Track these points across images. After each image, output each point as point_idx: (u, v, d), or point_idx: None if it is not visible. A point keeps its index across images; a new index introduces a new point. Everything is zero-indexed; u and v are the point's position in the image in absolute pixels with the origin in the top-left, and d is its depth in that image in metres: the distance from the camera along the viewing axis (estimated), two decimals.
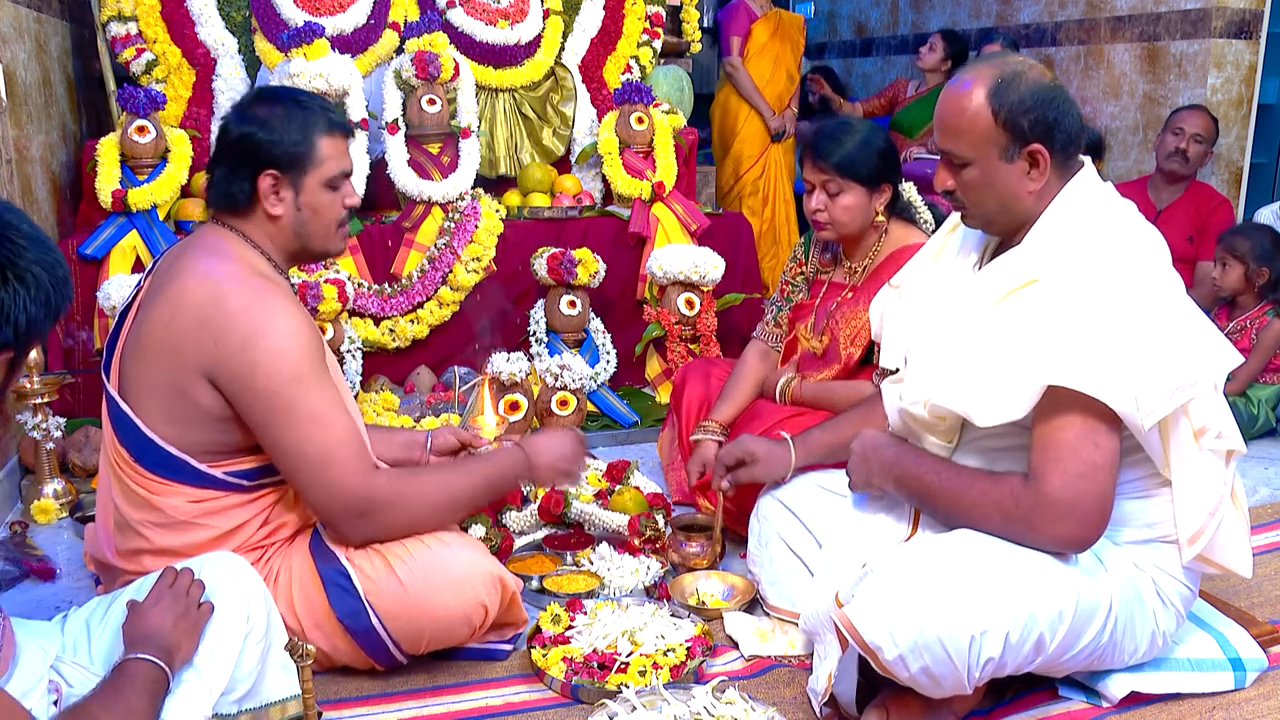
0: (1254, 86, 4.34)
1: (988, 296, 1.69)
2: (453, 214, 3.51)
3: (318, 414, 1.67)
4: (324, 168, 1.77)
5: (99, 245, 3.19)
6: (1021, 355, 1.59)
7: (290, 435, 1.67)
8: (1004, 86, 1.65)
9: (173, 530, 1.72)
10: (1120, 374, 1.53)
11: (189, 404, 1.68)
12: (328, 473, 1.69)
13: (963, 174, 1.71)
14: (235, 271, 1.70)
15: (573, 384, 3.01)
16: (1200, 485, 1.66)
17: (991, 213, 1.73)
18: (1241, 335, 3.32)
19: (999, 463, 1.71)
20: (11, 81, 3.04)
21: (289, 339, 1.66)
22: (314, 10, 3.57)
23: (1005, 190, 1.69)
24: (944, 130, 1.71)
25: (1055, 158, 1.67)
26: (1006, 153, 1.66)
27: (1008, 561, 1.58)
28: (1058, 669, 1.70)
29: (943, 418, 1.73)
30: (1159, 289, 1.62)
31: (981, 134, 1.66)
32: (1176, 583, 1.73)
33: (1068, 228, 1.66)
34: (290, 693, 1.54)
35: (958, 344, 1.71)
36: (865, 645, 1.54)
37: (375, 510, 1.72)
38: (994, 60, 1.71)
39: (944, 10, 5.90)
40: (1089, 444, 1.56)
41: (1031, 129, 1.64)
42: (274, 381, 1.64)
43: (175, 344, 1.66)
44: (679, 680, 1.84)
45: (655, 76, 4.28)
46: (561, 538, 2.43)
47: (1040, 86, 1.65)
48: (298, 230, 1.79)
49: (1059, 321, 1.57)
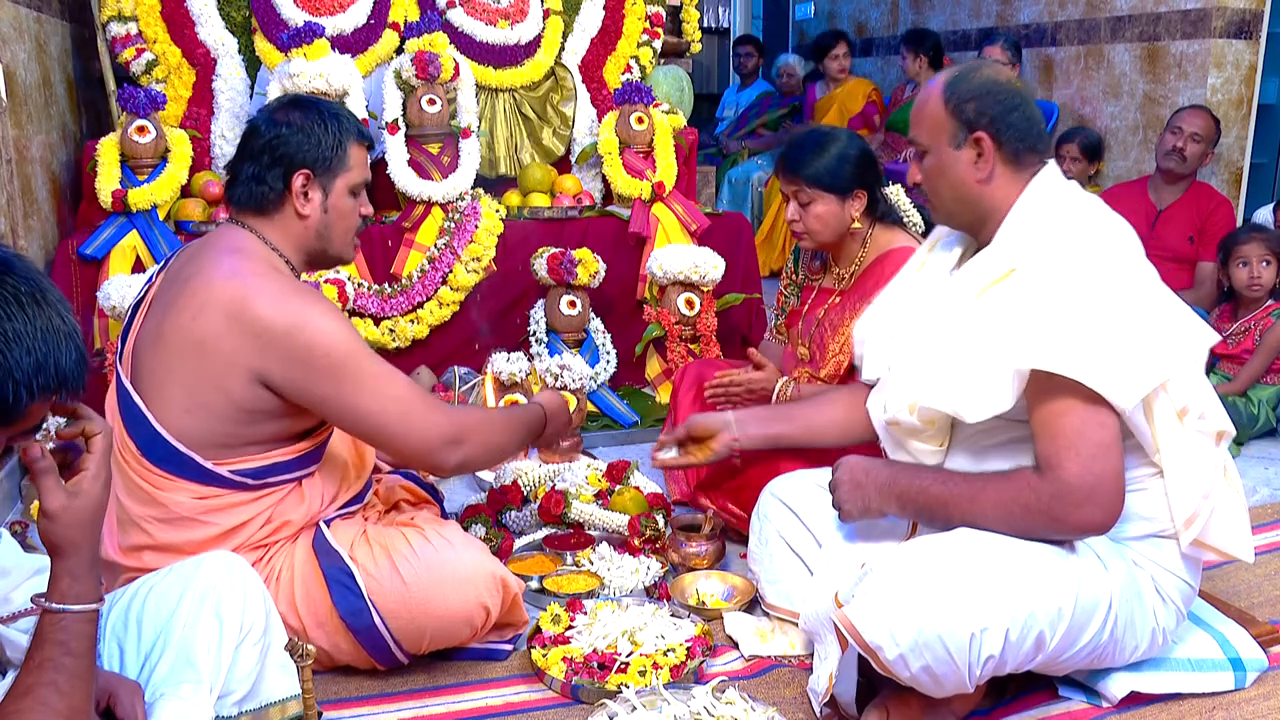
0: (1254, 86, 4.34)
1: (966, 293, 1.73)
2: (453, 214, 3.51)
3: (381, 374, 1.77)
4: (351, 174, 1.85)
5: (99, 245, 3.18)
6: (1002, 345, 1.62)
7: (367, 398, 1.74)
8: (958, 79, 1.76)
9: (175, 526, 1.73)
10: (1099, 355, 1.55)
11: (219, 397, 1.70)
12: (413, 418, 1.78)
13: (924, 164, 1.81)
14: (260, 269, 1.74)
15: (573, 384, 3.01)
16: (1190, 467, 1.66)
17: (949, 203, 1.81)
18: (1245, 336, 3.31)
19: (988, 461, 1.72)
20: (11, 81, 3.04)
21: (331, 318, 1.73)
22: (314, 10, 3.57)
23: (955, 178, 1.76)
24: (911, 121, 1.83)
25: (1003, 149, 1.73)
26: (955, 139, 1.75)
27: (1007, 559, 1.58)
28: (1059, 667, 1.70)
29: (931, 420, 1.74)
30: (1133, 273, 1.66)
31: (935, 121, 1.76)
32: (1176, 579, 1.73)
33: (1039, 220, 1.70)
34: (290, 693, 1.54)
35: (939, 344, 1.73)
36: (866, 645, 1.54)
37: (465, 436, 1.85)
38: (966, 62, 1.83)
39: (944, 10, 5.91)
40: (1094, 425, 1.56)
41: (977, 116, 1.73)
42: (335, 355, 1.71)
43: (203, 340, 1.68)
44: (679, 680, 1.84)
45: (655, 76, 4.28)
46: (561, 538, 2.43)
47: (991, 81, 1.74)
48: (321, 232, 1.84)
49: (1037, 307, 1.60)
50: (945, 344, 1.71)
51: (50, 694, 1.12)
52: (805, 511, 2.01)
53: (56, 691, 1.12)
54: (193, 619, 1.43)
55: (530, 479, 2.66)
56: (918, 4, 6.17)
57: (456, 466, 1.88)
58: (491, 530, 2.40)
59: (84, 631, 1.17)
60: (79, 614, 1.16)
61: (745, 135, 6.32)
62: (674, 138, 3.87)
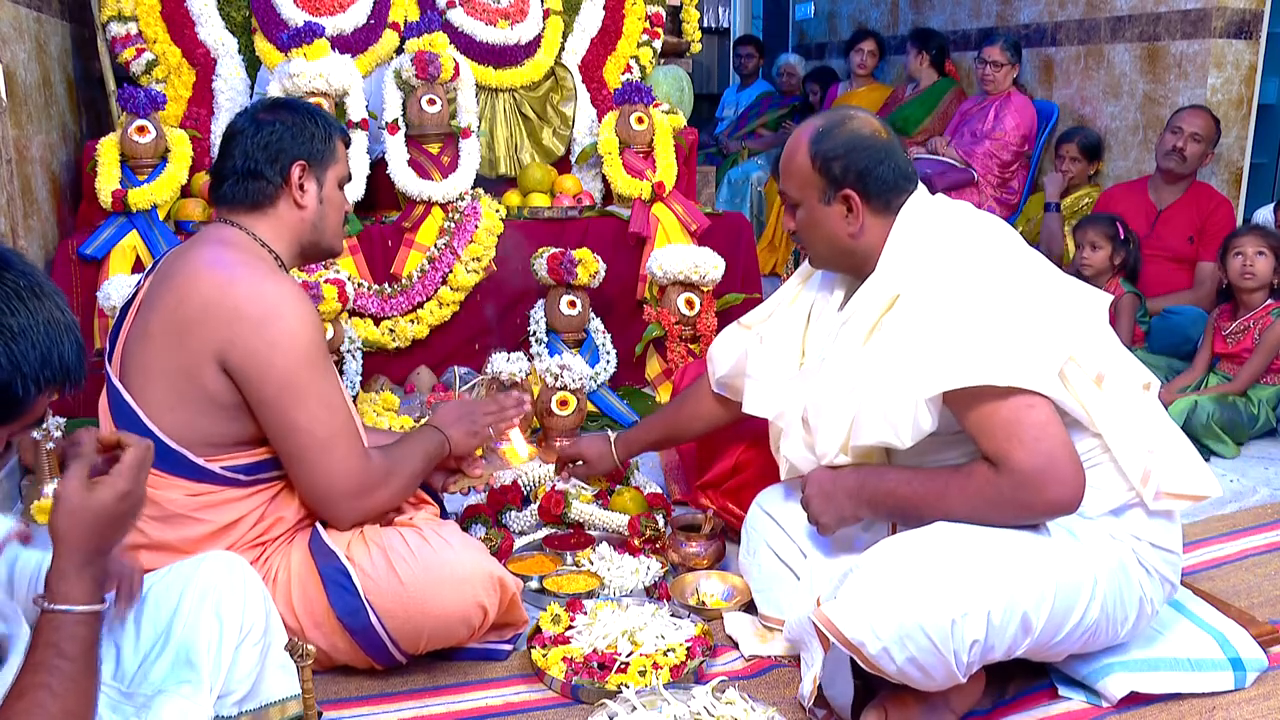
0: (1254, 86, 4.34)
1: (859, 330, 1.77)
2: (453, 214, 3.51)
3: (327, 397, 1.74)
4: (340, 166, 1.90)
5: (99, 245, 3.19)
6: (908, 372, 1.65)
7: (302, 415, 1.71)
8: (821, 135, 1.79)
9: (169, 524, 1.73)
10: (996, 353, 1.58)
11: (195, 389, 1.70)
12: (333, 454, 1.74)
13: (797, 215, 1.86)
14: (244, 259, 1.74)
15: (573, 384, 3.01)
16: (1126, 428, 1.68)
17: (825, 253, 1.87)
18: (1244, 335, 3.31)
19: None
20: (11, 81, 3.04)
21: (302, 323, 1.71)
22: (314, 10, 3.57)
23: (828, 231, 1.81)
24: (781, 172, 1.87)
25: (870, 203, 1.77)
26: (824, 196, 1.79)
27: (983, 546, 1.59)
28: (1056, 651, 1.69)
29: (868, 454, 1.78)
30: (1011, 264, 1.70)
31: (803, 177, 1.81)
32: (1156, 550, 1.73)
33: (911, 244, 1.75)
34: (290, 693, 1.54)
35: (851, 382, 1.75)
36: (847, 642, 1.54)
37: (368, 490, 1.80)
38: (828, 111, 1.87)
39: (944, 10, 5.90)
40: (1024, 409, 1.59)
41: (843, 175, 1.77)
42: (291, 361, 1.69)
43: (182, 327, 1.68)
44: (679, 680, 1.84)
45: (655, 76, 4.28)
46: (561, 538, 2.43)
47: (855, 136, 1.77)
48: (317, 223, 1.87)
49: (926, 328, 1.65)
50: (857, 383, 1.74)
51: (45, 696, 1.12)
52: (789, 523, 2.01)
53: (50, 694, 1.12)
54: (193, 619, 1.43)
55: (530, 479, 2.67)
56: (918, 4, 6.17)
57: (351, 521, 1.81)
58: (491, 530, 2.40)
59: (76, 634, 1.15)
60: (69, 615, 1.15)
61: (745, 135, 6.32)
62: (674, 138, 3.87)
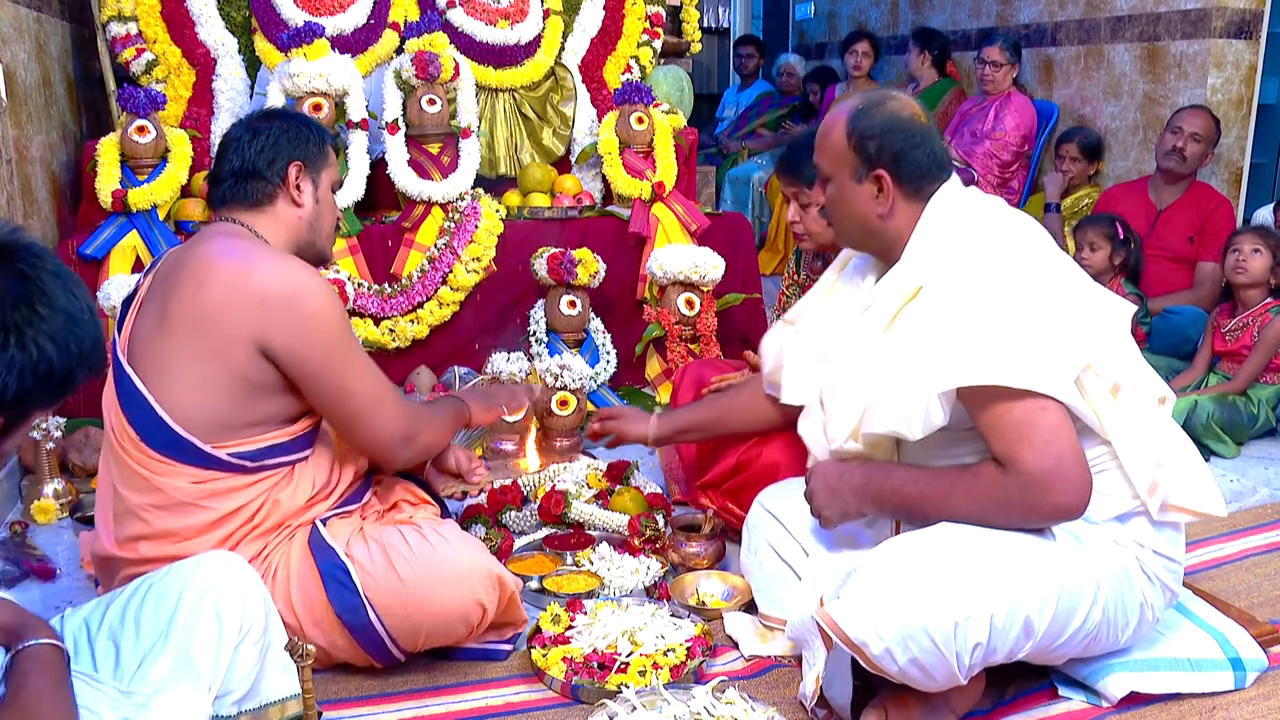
0: (1254, 86, 4.34)
1: (881, 318, 1.77)
2: (453, 214, 3.51)
3: (364, 359, 1.85)
4: (332, 170, 1.95)
5: (99, 245, 3.19)
6: (925, 365, 1.64)
7: (352, 379, 1.80)
8: (860, 112, 1.79)
9: (173, 512, 1.73)
10: (1016, 355, 1.57)
11: (223, 370, 1.71)
12: (384, 408, 1.85)
13: (827, 190, 1.87)
14: (255, 246, 1.79)
15: (573, 384, 3.01)
16: (1138, 439, 1.68)
17: (852, 231, 1.87)
18: (1243, 332, 3.31)
19: (938, 465, 1.75)
20: (11, 81, 3.04)
21: (327, 295, 1.78)
22: (314, 10, 3.57)
23: (857, 210, 1.82)
24: (816, 146, 1.88)
25: (902, 186, 1.77)
26: (857, 174, 1.80)
27: (987, 548, 1.58)
28: (1057, 654, 1.69)
29: (877, 443, 1.77)
30: (1039, 266, 1.69)
31: (838, 153, 1.81)
32: (1159, 557, 1.73)
33: (940, 235, 1.75)
34: (290, 692, 1.54)
35: (868, 371, 1.75)
36: (850, 641, 1.54)
37: (416, 434, 1.92)
38: (871, 91, 1.87)
39: (944, 10, 5.90)
40: (1037, 412, 1.58)
41: (878, 154, 1.77)
42: (329, 333, 1.77)
43: (204, 314, 1.70)
44: (679, 680, 1.84)
45: (655, 76, 4.28)
46: (561, 538, 2.43)
47: (894, 117, 1.78)
48: (313, 223, 1.92)
49: (948, 323, 1.64)
50: (873, 370, 1.74)
51: None
52: (791, 521, 2.01)
53: None
54: (192, 618, 1.44)
55: (530, 479, 2.67)
56: (918, 4, 6.17)
57: (404, 463, 1.97)
58: (491, 530, 2.40)
59: None
60: None
61: (745, 135, 6.32)
62: (674, 138, 3.87)
